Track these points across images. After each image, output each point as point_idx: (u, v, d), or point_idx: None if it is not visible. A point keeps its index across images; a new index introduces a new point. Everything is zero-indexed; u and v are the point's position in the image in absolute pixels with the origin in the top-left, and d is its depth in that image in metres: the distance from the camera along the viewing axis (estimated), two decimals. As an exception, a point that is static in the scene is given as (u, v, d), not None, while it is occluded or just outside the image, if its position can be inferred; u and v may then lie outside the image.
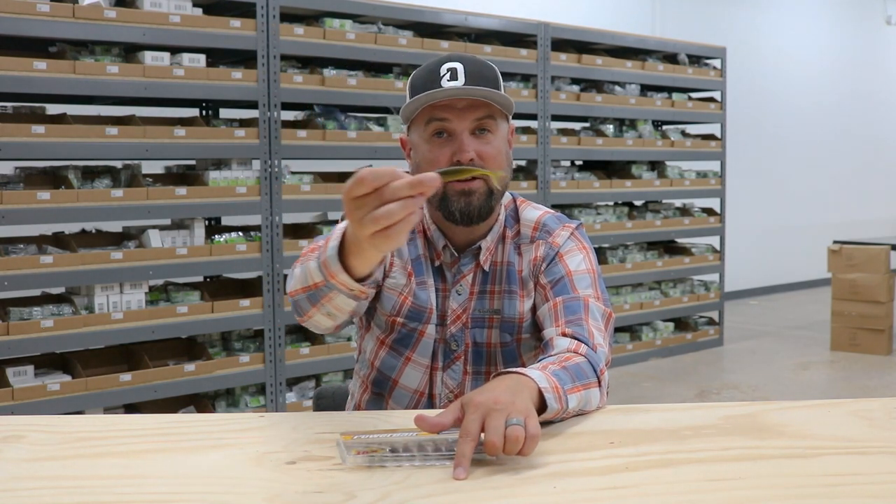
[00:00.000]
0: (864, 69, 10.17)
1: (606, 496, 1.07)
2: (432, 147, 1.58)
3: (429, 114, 1.57)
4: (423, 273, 1.66)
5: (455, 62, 1.57)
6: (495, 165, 1.58)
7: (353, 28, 4.59)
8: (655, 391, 5.26)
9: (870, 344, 6.11)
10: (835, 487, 1.10)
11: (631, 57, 6.08)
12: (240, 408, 4.28)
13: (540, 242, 1.66)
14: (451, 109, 1.56)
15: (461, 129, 1.56)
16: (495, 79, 1.60)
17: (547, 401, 1.28)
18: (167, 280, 4.25)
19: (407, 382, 1.67)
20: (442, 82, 1.55)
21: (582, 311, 1.55)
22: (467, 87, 1.54)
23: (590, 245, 1.69)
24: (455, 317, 1.66)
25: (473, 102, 1.56)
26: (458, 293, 1.66)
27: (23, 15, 3.59)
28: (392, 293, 1.65)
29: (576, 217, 5.73)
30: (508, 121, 1.66)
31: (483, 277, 1.66)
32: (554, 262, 1.63)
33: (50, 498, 1.08)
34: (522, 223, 1.69)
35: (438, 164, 1.56)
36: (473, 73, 1.57)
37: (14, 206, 3.57)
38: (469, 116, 1.56)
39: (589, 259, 1.65)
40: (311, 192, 4.40)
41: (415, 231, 1.67)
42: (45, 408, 3.59)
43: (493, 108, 1.58)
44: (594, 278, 1.62)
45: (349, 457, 1.16)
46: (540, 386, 1.28)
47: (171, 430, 1.35)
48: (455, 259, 1.66)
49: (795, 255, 9.29)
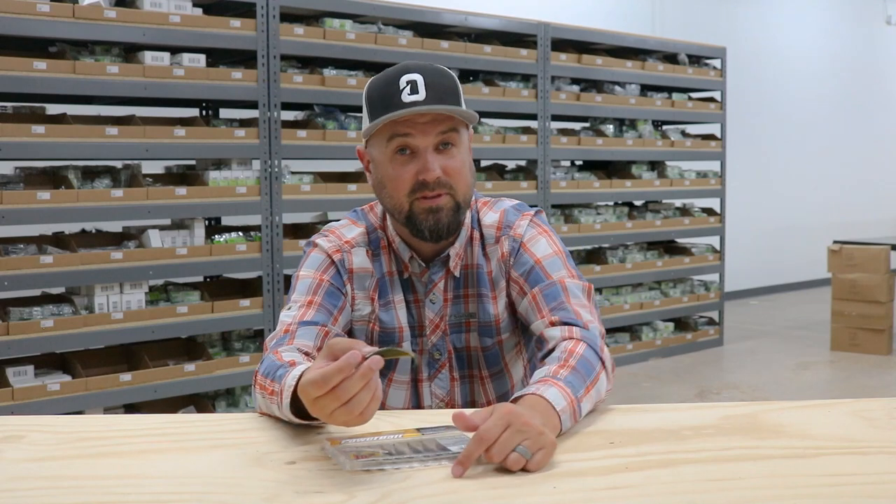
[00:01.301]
0: (864, 69, 10.16)
1: (606, 496, 1.07)
2: (395, 166, 1.54)
3: (390, 130, 1.53)
4: (388, 292, 1.64)
5: (414, 73, 1.52)
6: (461, 179, 1.55)
7: (353, 28, 4.59)
8: (655, 391, 5.26)
9: (870, 344, 6.11)
10: (835, 487, 1.10)
11: (631, 57, 6.08)
12: (240, 408, 4.28)
13: (503, 239, 1.64)
14: (414, 125, 1.52)
15: (425, 146, 1.52)
16: (455, 89, 1.55)
17: (562, 423, 1.29)
18: (167, 280, 4.25)
19: (393, 403, 1.67)
20: (402, 96, 1.50)
21: (562, 295, 1.55)
22: (429, 103, 1.50)
23: (550, 228, 1.67)
24: (434, 326, 1.65)
25: (437, 116, 1.52)
26: (432, 302, 1.64)
27: (23, 15, 3.59)
28: (361, 324, 1.64)
29: (576, 217, 5.74)
30: (469, 129, 1.62)
31: (455, 283, 1.65)
32: (520, 254, 1.62)
33: (50, 498, 1.08)
34: (484, 227, 1.67)
35: (403, 182, 1.53)
36: (434, 84, 1.51)
37: (14, 206, 3.57)
38: (432, 131, 1.52)
39: (552, 241, 1.64)
40: (311, 192, 4.40)
41: (379, 248, 1.65)
42: (45, 408, 3.59)
43: (456, 120, 1.54)
44: (563, 259, 1.61)
45: (348, 461, 1.16)
46: (557, 409, 1.29)
47: (171, 430, 1.36)
48: (424, 269, 1.64)
49: (795, 255, 9.29)
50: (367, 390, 1.15)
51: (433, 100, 1.50)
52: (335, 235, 1.67)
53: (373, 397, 1.16)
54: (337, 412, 1.16)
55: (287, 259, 4.31)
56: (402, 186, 1.54)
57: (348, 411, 1.15)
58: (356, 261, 1.64)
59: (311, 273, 1.62)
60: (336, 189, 4.50)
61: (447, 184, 1.54)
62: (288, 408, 1.29)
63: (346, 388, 1.14)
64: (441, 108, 1.50)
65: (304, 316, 1.55)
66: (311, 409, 1.19)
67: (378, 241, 1.66)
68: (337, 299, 1.60)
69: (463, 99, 1.58)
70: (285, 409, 1.30)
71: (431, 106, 1.50)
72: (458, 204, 1.56)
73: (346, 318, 1.62)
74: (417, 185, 1.53)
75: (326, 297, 1.58)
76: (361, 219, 1.70)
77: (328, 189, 4.46)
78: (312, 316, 1.55)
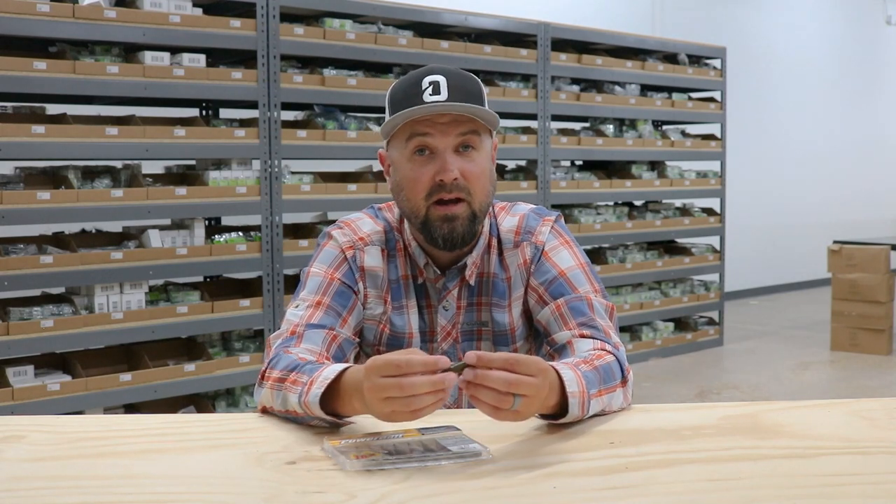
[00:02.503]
0: (864, 69, 10.16)
1: (606, 496, 1.07)
2: (414, 166, 1.52)
3: (410, 129, 1.51)
4: (401, 296, 1.62)
5: (437, 75, 1.51)
6: (479, 185, 1.53)
7: (353, 28, 4.59)
8: (655, 391, 5.26)
9: (870, 344, 6.11)
10: (835, 487, 1.10)
11: (631, 57, 6.08)
12: (240, 408, 4.28)
13: (524, 244, 1.62)
14: (434, 125, 1.50)
15: (444, 147, 1.50)
16: (479, 93, 1.53)
17: (569, 406, 1.29)
18: (167, 280, 4.25)
19: None
20: (424, 96, 1.49)
21: (589, 311, 1.53)
22: (450, 102, 1.48)
23: (571, 237, 1.66)
24: (445, 333, 1.63)
25: (457, 118, 1.50)
26: (444, 309, 1.62)
27: (23, 15, 3.59)
28: (372, 323, 1.62)
29: (576, 217, 5.74)
30: (493, 136, 1.60)
31: (469, 291, 1.63)
32: (541, 262, 1.60)
33: (50, 498, 1.08)
34: (503, 232, 1.65)
35: (421, 185, 1.51)
36: (457, 86, 1.50)
37: (14, 206, 3.57)
38: (452, 132, 1.50)
39: (574, 253, 1.62)
40: (311, 192, 4.40)
41: (395, 250, 1.63)
42: (45, 408, 3.59)
43: (477, 123, 1.52)
44: (587, 272, 1.60)
45: (348, 461, 1.16)
46: (568, 391, 1.28)
47: (171, 430, 1.36)
48: (439, 276, 1.62)
49: (795, 255, 9.29)
50: (433, 396, 1.16)
51: (455, 100, 1.49)
52: (350, 229, 1.64)
53: (433, 404, 1.17)
54: (393, 401, 1.16)
55: (287, 259, 4.31)
56: (420, 189, 1.52)
57: (406, 404, 1.15)
58: (369, 260, 1.62)
59: (323, 270, 1.59)
60: (336, 189, 4.50)
61: (465, 187, 1.51)
62: (317, 398, 1.27)
63: (414, 383, 1.15)
64: (461, 106, 1.48)
65: (312, 318, 1.52)
66: (369, 388, 1.17)
67: (395, 241, 1.63)
68: (347, 299, 1.57)
69: (487, 104, 1.56)
70: (312, 398, 1.28)
71: (452, 104, 1.48)
72: (475, 213, 1.53)
73: (356, 318, 1.59)
74: (435, 186, 1.51)
75: (336, 298, 1.56)
76: (379, 217, 1.67)
77: (328, 189, 4.46)
78: (320, 318, 1.53)
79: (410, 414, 1.17)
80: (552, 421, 1.32)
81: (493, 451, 1.21)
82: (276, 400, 1.38)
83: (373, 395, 1.17)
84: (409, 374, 1.15)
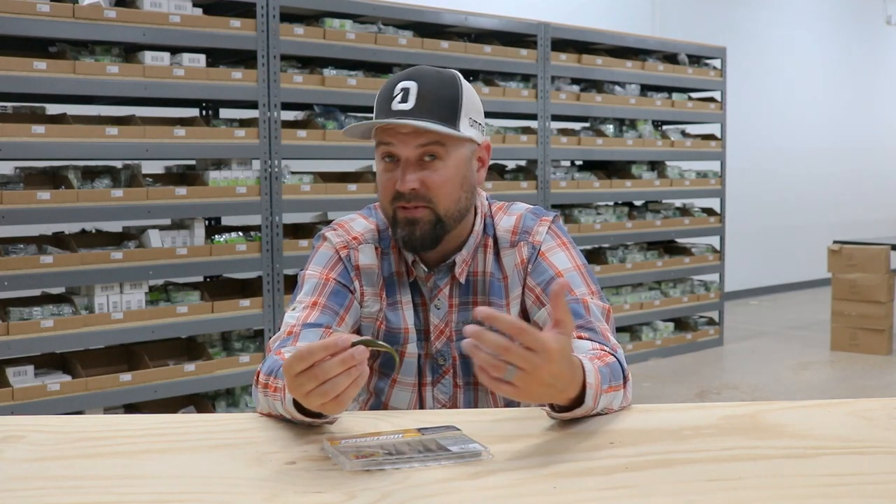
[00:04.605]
0: (864, 69, 10.16)
1: (606, 496, 1.07)
2: (382, 171, 1.55)
3: (379, 136, 1.53)
4: (395, 292, 1.63)
5: (411, 81, 1.50)
6: (442, 193, 1.52)
7: (353, 28, 4.59)
8: (655, 391, 5.26)
9: (870, 344, 6.11)
10: (835, 487, 1.10)
11: (631, 57, 6.08)
12: (240, 408, 4.28)
13: (522, 244, 1.62)
14: (396, 134, 1.50)
15: (406, 156, 1.51)
16: (452, 100, 1.51)
17: (586, 397, 1.29)
18: (167, 280, 4.25)
19: (396, 404, 1.66)
20: (393, 104, 1.49)
21: (586, 314, 1.53)
22: (412, 116, 1.47)
23: (569, 238, 1.65)
24: (438, 332, 1.63)
25: (418, 129, 1.49)
26: (437, 307, 1.63)
27: (23, 15, 3.59)
28: (369, 321, 1.63)
29: (576, 217, 5.74)
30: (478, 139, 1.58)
31: (461, 289, 1.63)
32: (538, 262, 1.60)
33: (50, 498, 1.08)
34: (499, 231, 1.65)
35: (387, 189, 1.54)
36: (427, 95, 1.49)
37: (14, 206, 3.57)
38: (412, 143, 1.50)
39: (571, 255, 1.62)
40: (311, 192, 4.40)
41: (389, 247, 1.64)
42: (45, 408, 3.59)
43: (443, 133, 1.50)
44: (583, 274, 1.60)
45: (348, 461, 1.16)
46: (587, 381, 1.29)
47: (171, 430, 1.36)
48: (429, 274, 1.62)
49: (795, 255, 9.29)
50: (346, 376, 1.15)
51: (418, 111, 1.48)
52: (344, 230, 1.66)
53: (351, 384, 1.16)
54: (313, 393, 1.16)
55: (287, 259, 4.31)
56: (387, 193, 1.55)
57: (323, 393, 1.15)
58: (363, 258, 1.63)
59: (318, 271, 1.61)
60: (336, 189, 4.50)
61: (425, 196, 1.52)
62: (291, 403, 1.28)
63: (325, 369, 1.14)
64: (415, 123, 1.48)
65: (309, 318, 1.54)
66: (290, 387, 1.18)
67: (388, 239, 1.65)
68: (343, 298, 1.58)
69: (463, 111, 1.53)
70: (288, 404, 1.29)
71: (405, 120, 1.48)
72: (440, 218, 1.54)
73: (354, 317, 1.60)
74: (396, 194, 1.53)
75: (332, 298, 1.57)
76: (373, 215, 1.69)
77: (328, 189, 4.46)
78: (317, 318, 1.54)
79: (335, 402, 1.16)
80: (562, 415, 1.31)
81: (493, 451, 1.20)
82: (268, 405, 1.40)
83: (297, 394, 1.18)
84: (318, 362, 1.14)
